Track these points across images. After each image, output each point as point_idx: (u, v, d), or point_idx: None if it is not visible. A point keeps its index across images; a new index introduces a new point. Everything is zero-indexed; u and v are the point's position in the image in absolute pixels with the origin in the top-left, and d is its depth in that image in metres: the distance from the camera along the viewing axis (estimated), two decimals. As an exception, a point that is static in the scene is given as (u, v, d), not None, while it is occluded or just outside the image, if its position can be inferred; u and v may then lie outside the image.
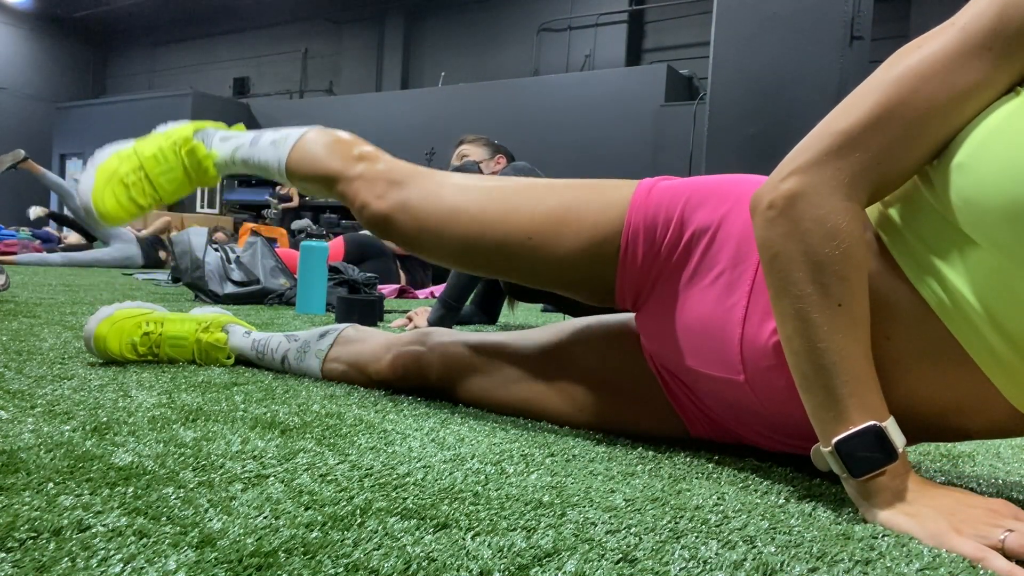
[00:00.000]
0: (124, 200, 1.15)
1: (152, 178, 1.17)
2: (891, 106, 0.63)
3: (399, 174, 1.02)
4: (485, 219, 0.93)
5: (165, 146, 1.19)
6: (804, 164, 0.66)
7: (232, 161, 1.20)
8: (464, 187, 0.98)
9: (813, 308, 0.64)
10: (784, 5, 3.40)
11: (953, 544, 0.58)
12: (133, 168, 1.16)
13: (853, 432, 0.63)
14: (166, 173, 1.18)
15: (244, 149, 1.18)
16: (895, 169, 0.65)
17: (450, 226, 0.95)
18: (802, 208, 0.65)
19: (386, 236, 1.02)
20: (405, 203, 0.99)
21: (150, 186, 1.17)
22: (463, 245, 0.95)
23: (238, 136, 1.21)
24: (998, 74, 0.61)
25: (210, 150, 1.21)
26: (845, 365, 0.64)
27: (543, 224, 0.91)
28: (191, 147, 1.19)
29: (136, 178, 1.16)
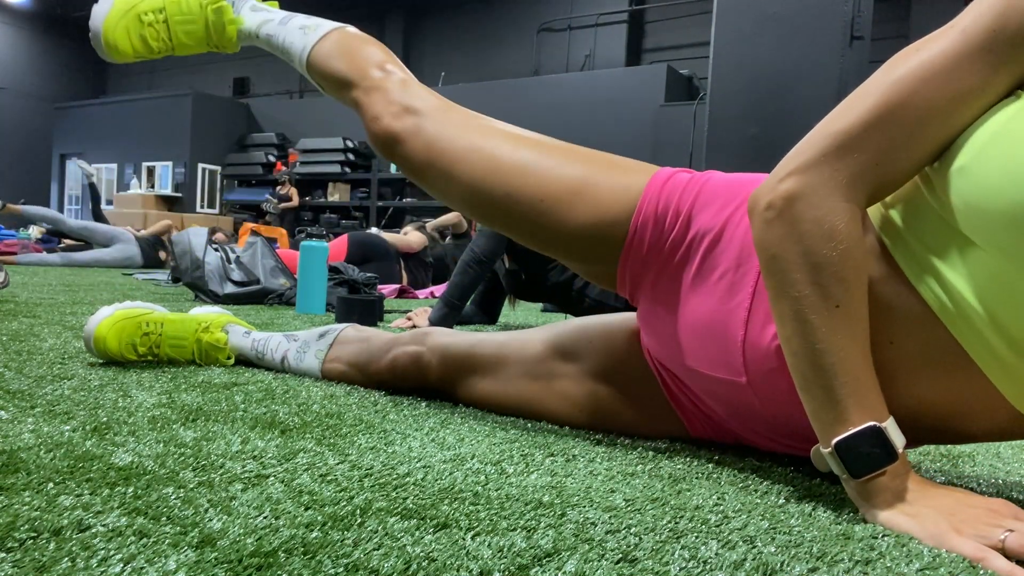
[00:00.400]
0: (135, 37, 1.11)
1: (171, 23, 1.13)
2: (890, 107, 0.63)
3: (420, 97, 0.98)
4: (499, 168, 0.90)
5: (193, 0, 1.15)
6: (802, 165, 0.65)
7: (256, 33, 1.15)
8: (485, 130, 0.95)
9: (811, 309, 0.64)
10: (784, 5, 3.40)
11: (953, 544, 0.58)
12: (155, 7, 1.13)
13: (853, 433, 0.63)
14: (186, 23, 1.14)
15: (272, 25, 1.13)
16: (894, 171, 0.64)
17: (460, 166, 0.92)
18: (800, 209, 0.65)
19: (391, 156, 0.98)
20: (419, 129, 0.95)
21: (166, 31, 1.13)
22: (470, 189, 0.92)
23: (269, 11, 1.17)
24: (998, 77, 0.61)
25: (237, 15, 1.16)
26: (844, 366, 0.64)
27: (557, 190, 0.88)
28: (219, 6, 1.15)
29: (155, 18, 1.12)
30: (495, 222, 0.94)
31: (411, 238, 4.29)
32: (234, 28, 1.15)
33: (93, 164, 11.42)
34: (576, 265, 0.94)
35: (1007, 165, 0.57)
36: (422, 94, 1.00)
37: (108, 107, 11.46)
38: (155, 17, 1.12)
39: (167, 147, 10.50)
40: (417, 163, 0.95)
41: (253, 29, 1.15)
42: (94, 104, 11.83)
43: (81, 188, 11.78)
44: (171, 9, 1.13)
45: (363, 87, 1.01)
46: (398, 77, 1.02)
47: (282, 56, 1.13)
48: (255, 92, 12.24)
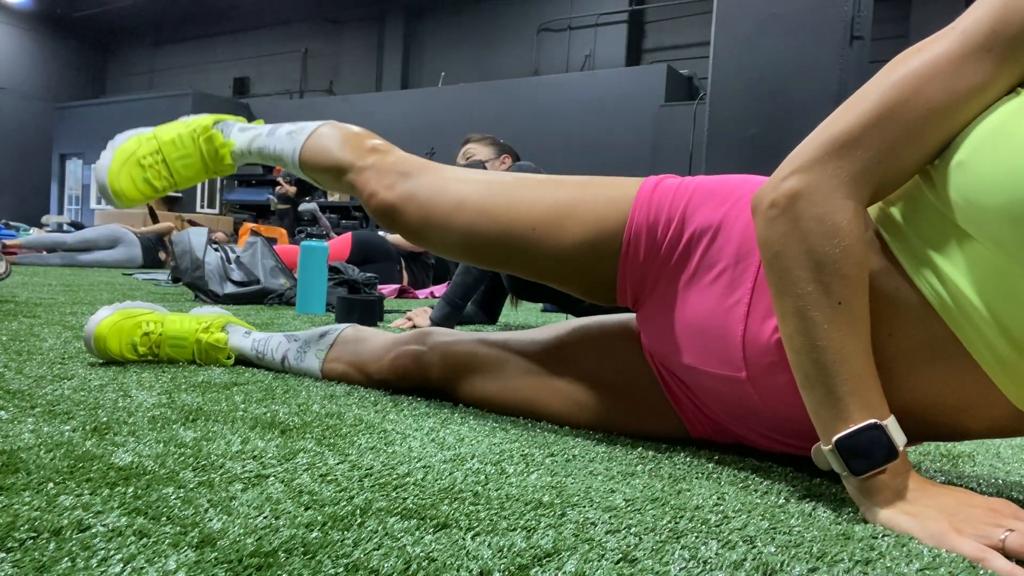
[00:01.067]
0: (139, 181, 1.18)
1: (169, 162, 1.20)
2: (892, 106, 0.63)
3: (408, 166, 1.04)
4: (489, 210, 0.94)
5: (184, 132, 1.22)
6: (805, 163, 0.66)
7: (248, 151, 1.21)
8: (470, 180, 0.99)
9: (814, 307, 0.64)
10: (784, 5, 3.40)
11: (953, 544, 0.58)
12: (151, 151, 1.19)
13: (854, 430, 0.63)
14: (183, 158, 1.21)
15: (261, 139, 1.20)
16: (895, 169, 0.65)
17: (454, 217, 0.96)
18: (803, 207, 0.65)
19: (392, 226, 1.03)
20: (412, 194, 1.00)
21: (166, 170, 1.20)
22: (466, 236, 0.95)
23: (256, 128, 1.24)
24: (999, 76, 0.62)
25: (228, 139, 1.23)
26: (846, 363, 0.64)
27: (547, 216, 0.91)
28: (210, 135, 1.21)
29: (153, 160, 1.19)
30: (496, 263, 0.98)
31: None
32: (227, 151, 1.23)
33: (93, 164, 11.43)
34: (577, 287, 0.95)
35: (1005, 161, 0.58)
36: (405, 159, 1.06)
37: (108, 107, 11.46)
38: (153, 159, 1.20)
39: (167, 147, 10.49)
40: (415, 226, 1.00)
41: (245, 147, 1.23)
42: (94, 104, 11.83)
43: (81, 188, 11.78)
44: (167, 149, 1.21)
45: (355, 169, 1.07)
46: (382, 150, 1.08)
47: (276, 163, 1.20)
48: (255, 92, 12.24)
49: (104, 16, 13.17)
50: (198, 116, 1.26)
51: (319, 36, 11.73)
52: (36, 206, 12.80)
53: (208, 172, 1.24)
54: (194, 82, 12.53)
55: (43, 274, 4.05)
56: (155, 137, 1.22)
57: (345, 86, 11.29)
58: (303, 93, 11.80)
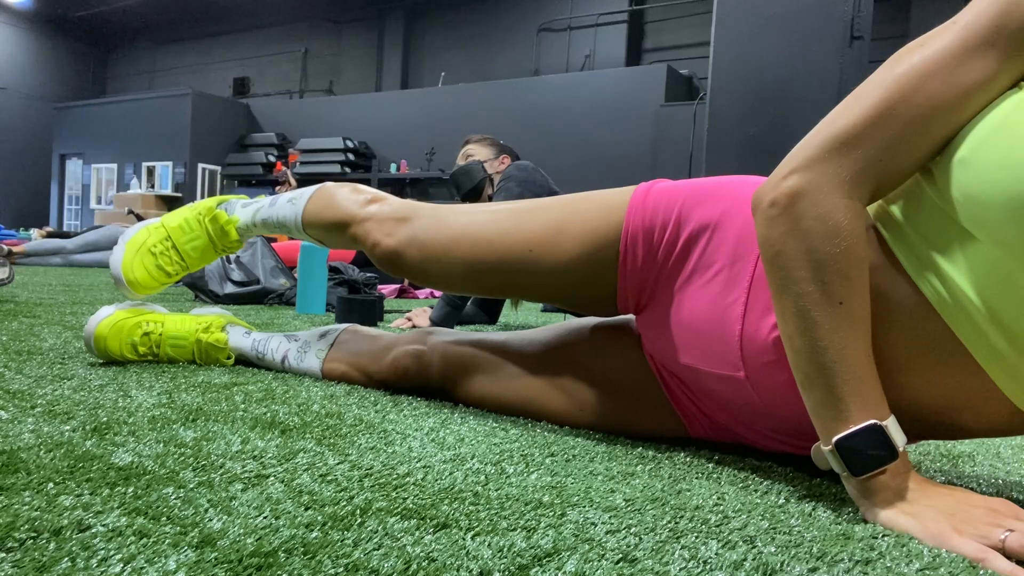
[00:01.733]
0: (152, 269, 1.23)
1: (179, 246, 1.26)
2: (893, 104, 0.63)
3: (404, 211, 1.07)
4: (486, 239, 0.96)
5: (190, 216, 1.28)
6: (805, 162, 0.66)
7: (253, 223, 1.27)
8: (465, 213, 1.02)
9: (814, 306, 0.64)
10: (784, 5, 3.40)
11: (954, 544, 0.58)
12: (160, 239, 1.25)
13: (854, 430, 0.63)
14: (191, 241, 1.26)
15: (264, 211, 1.25)
16: (896, 167, 0.65)
17: (453, 252, 0.98)
18: (803, 206, 0.65)
19: (398, 271, 1.06)
20: (412, 237, 1.03)
21: (177, 254, 1.26)
22: (467, 268, 0.98)
23: (258, 201, 1.29)
24: (1000, 71, 0.61)
25: (232, 215, 1.28)
26: (846, 363, 0.64)
27: (542, 235, 0.93)
28: (214, 215, 1.27)
29: (163, 247, 1.24)
30: (500, 290, 1.00)
31: None
32: (232, 227, 1.28)
33: (93, 164, 11.43)
34: (584, 304, 0.96)
35: (1007, 158, 0.57)
36: (401, 204, 1.09)
37: (108, 107, 11.45)
38: (163, 247, 1.25)
39: (167, 147, 10.49)
40: (419, 267, 1.03)
41: (249, 221, 1.27)
42: (94, 104, 11.82)
43: (81, 188, 11.78)
44: (175, 235, 1.26)
45: (355, 223, 1.10)
46: (377, 203, 1.11)
47: (281, 231, 1.25)
48: (255, 92, 12.24)
49: (104, 16, 13.17)
50: (202, 200, 1.31)
51: (319, 36, 11.73)
52: (36, 206, 12.80)
53: (217, 251, 1.30)
54: (194, 82, 12.53)
55: (43, 274, 4.05)
56: (163, 225, 1.27)
57: (345, 86, 11.29)
58: (303, 93, 11.79)
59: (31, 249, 5.19)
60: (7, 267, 2.32)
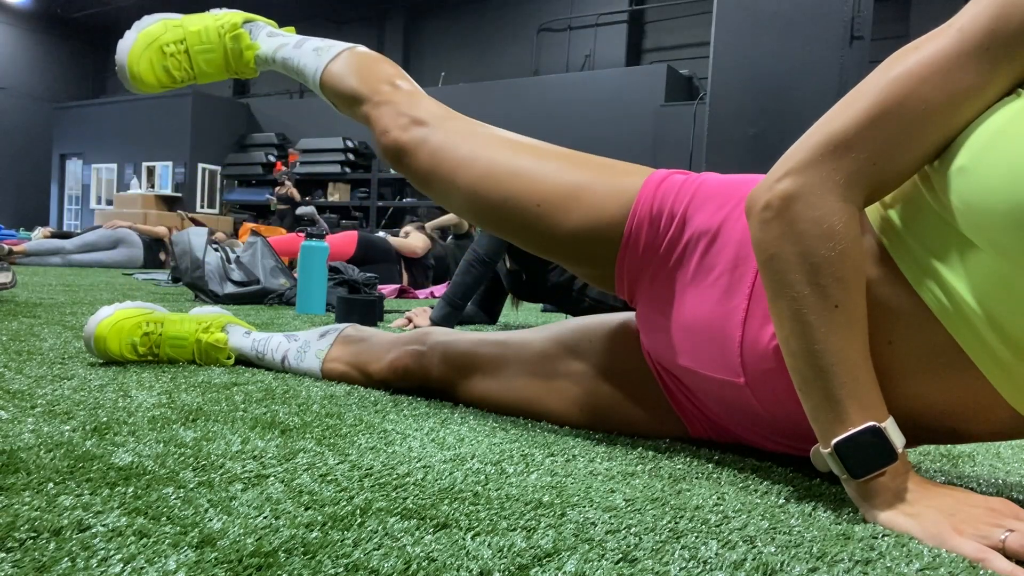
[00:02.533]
0: (158, 68, 1.16)
1: (192, 53, 1.19)
2: (888, 107, 0.62)
3: (427, 115, 1.02)
4: (496, 174, 0.93)
5: (212, 26, 1.20)
6: (799, 164, 0.65)
7: (272, 58, 1.20)
8: (485, 138, 0.97)
9: (810, 310, 0.64)
10: (784, 5, 3.40)
11: (954, 544, 0.57)
12: (176, 39, 1.18)
13: (852, 433, 0.63)
14: (206, 52, 1.20)
15: (287, 49, 1.18)
16: (892, 170, 0.64)
17: (461, 173, 0.95)
18: (798, 209, 0.64)
19: (399, 167, 1.02)
20: (425, 140, 0.99)
21: (187, 60, 1.19)
22: (470, 195, 0.94)
23: (285, 36, 1.22)
24: (997, 75, 0.61)
25: (254, 41, 1.21)
26: (843, 366, 0.63)
27: (553, 194, 0.90)
28: (237, 33, 1.20)
29: (176, 49, 1.18)
30: (494, 226, 0.96)
31: (414, 242, 4.29)
32: (251, 54, 1.21)
33: (93, 164, 11.43)
34: (574, 267, 0.95)
35: (1008, 165, 0.57)
36: (428, 106, 1.03)
37: (108, 107, 11.45)
38: (176, 48, 1.18)
39: (167, 147, 10.49)
40: (422, 173, 0.99)
41: (270, 54, 1.20)
42: (94, 104, 11.83)
43: (81, 188, 11.78)
44: (191, 40, 1.19)
45: (373, 102, 1.05)
46: (406, 91, 1.05)
47: (297, 77, 1.18)
48: (255, 92, 12.24)
49: (104, 16, 13.17)
50: (229, 10, 1.24)
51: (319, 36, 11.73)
52: (36, 206, 12.80)
53: (229, 71, 1.23)
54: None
55: (43, 274, 4.05)
56: (182, 25, 1.19)
57: (345, 86, 11.28)
58: (303, 93, 11.80)
59: (31, 249, 5.19)
60: (9, 271, 2.33)
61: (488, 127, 1.01)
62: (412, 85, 1.07)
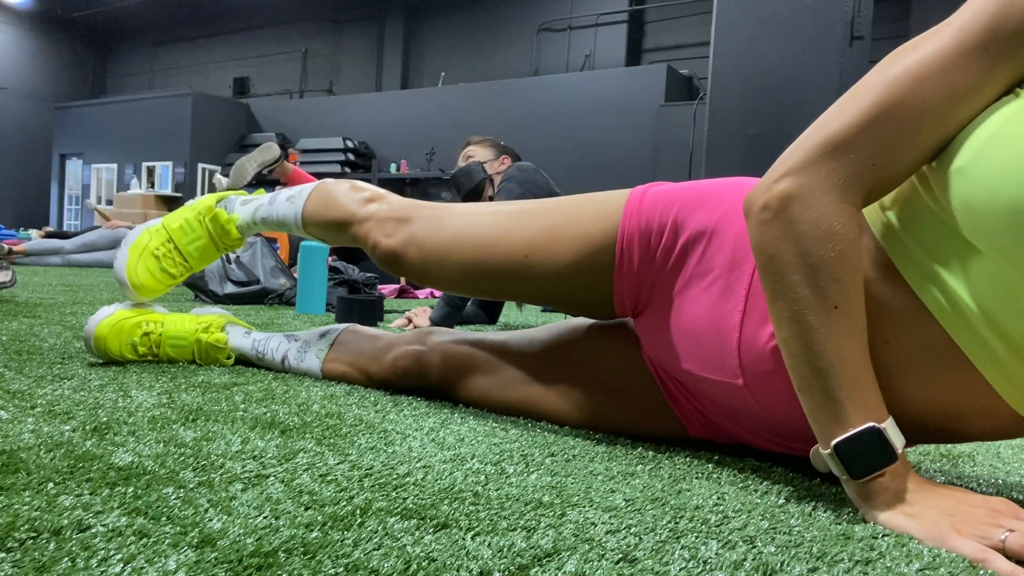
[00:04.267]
0: (156, 271, 1.23)
1: (180, 247, 1.26)
2: (886, 107, 0.62)
3: (405, 211, 1.07)
4: (484, 243, 0.96)
5: (190, 216, 1.28)
6: (798, 165, 0.65)
7: (253, 221, 1.27)
8: (464, 215, 1.02)
9: (809, 311, 0.64)
10: (784, 5, 3.40)
11: (954, 544, 0.57)
12: (162, 241, 1.25)
13: (852, 434, 0.63)
14: (193, 241, 1.27)
15: (263, 209, 1.25)
16: (890, 171, 0.64)
17: (451, 254, 0.99)
18: (796, 210, 0.64)
19: (397, 271, 1.06)
20: (412, 237, 1.03)
21: (179, 255, 1.26)
22: (465, 271, 0.98)
23: (257, 199, 1.29)
24: (995, 75, 0.60)
25: (232, 214, 1.29)
26: (842, 367, 0.63)
27: (538, 239, 0.93)
28: (214, 214, 1.27)
29: (166, 250, 1.25)
30: (496, 292, 1.00)
31: None
32: (232, 226, 1.28)
33: (93, 164, 11.43)
34: (582, 308, 0.97)
35: (1007, 166, 0.57)
36: (400, 204, 1.10)
37: (108, 107, 11.45)
38: (166, 249, 1.25)
39: (167, 147, 10.49)
40: (417, 268, 1.03)
41: (249, 219, 1.27)
42: (94, 104, 11.82)
43: (81, 188, 11.77)
44: (177, 236, 1.26)
45: (356, 222, 1.11)
46: (376, 202, 1.11)
47: (281, 229, 1.25)
48: (255, 92, 12.23)
49: (104, 16, 13.17)
50: (200, 198, 1.31)
51: (319, 36, 11.73)
52: (36, 206, 12.80)
53: (219, 249, 1.30)
54: (194, 82, 12.52)
55: (43, 274, 4.05)
56: (164, 227, 1.27)
57: (345, 86, 11.29)
58: (303, 93, 11.79)
59: (31, 249, 5.19)
60: (9, 270, 2.33)
61: (456, 206, 1.06)
62: (377, 192, 1.14)
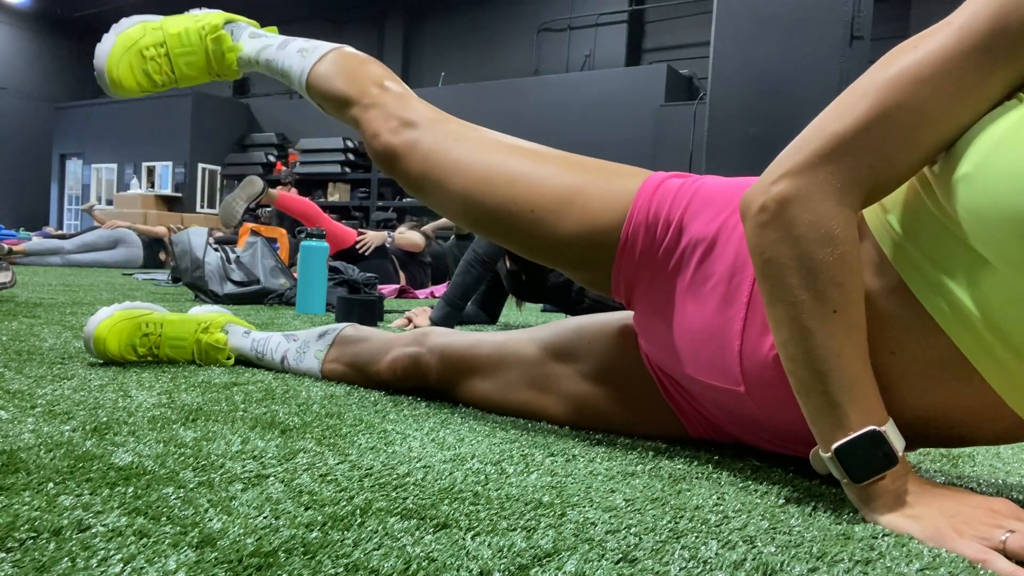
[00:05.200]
0: (138, 72, 1.13)
1: (172, 56, 1.16)
2: (885, 109, 0.61)
3: (417, 116, 0.99)
4: (491, 179, 0.91)
5: (192, 28, 1.17)
6: (795, 167, 0.64)
7: (256, 60, 1.17)
8: (478, 142, 0.95)
9: (808, 314, 0.63)
10: (784, 5, 3.40)
11: (954, 545, 0.57)
12: (156, 42, 1.15)
13: (852, 438, 0.63)
14: (187, 55, 1.17)
15: (271, 51, 1.15)
16: (889, 173, 0.63)
17: (454, 178, 0.93)
18: (794, 213, 0.63)
19: (391, 171, 0.99)
20: (416, 143, 0.97)
21: (168, 64, 1.16)
22: (464, 201, 0.93)
23: (267, 37, 1.19)
24: (995, 77, 0.59)
25: (236, 42, 1.18)
26: (842, 371, 0.63)
27: (548, 200, 0.88)
28: (218, 35, 1.16)
29: (156, 52, 1.15)
30: (488, 232, 0.94)
31: (413, 236, 4.30)
32: (233, 55, 1.17)
33: (93, 164, 11.42)
34: (570, 272, 0.94)
35: (1013, 173, 0.55)
36: (419, 108, 1.01)
37: (108, 107, 11.44)
38: (156, 51, 1.15)
39: (167, 147, 10.49)
40: (414, 177, 0.97)
41: (253, 55, 1.17)
42: (94, 104, 11.82)
43: (81, 188, 11.77)
44: (171, 43, 1.15)
45: (362, 104, 1.02)
46: (395, 92, 1.03)
47: (282, 79, 1.15)
48: (255, 92, 12.23)
49: (104, 16, 13.16)
50: (209, 11, 1.21)
51: (319, 36, 11.65)
52: (36, 206, 12.80)
53: (211, 74, 1.20)
54: (194, 82, 12.50)
55: (43, 274, 4.05)
56: (161, 28, 1.16)
57: (345, 86, 11.27)
58: (303, 93, 11.78)
59: (31, 249, 5.19)
60: (9, 271, 2.33)
61: (481, 130, 0.99)
62: (402, 87, 1.05)
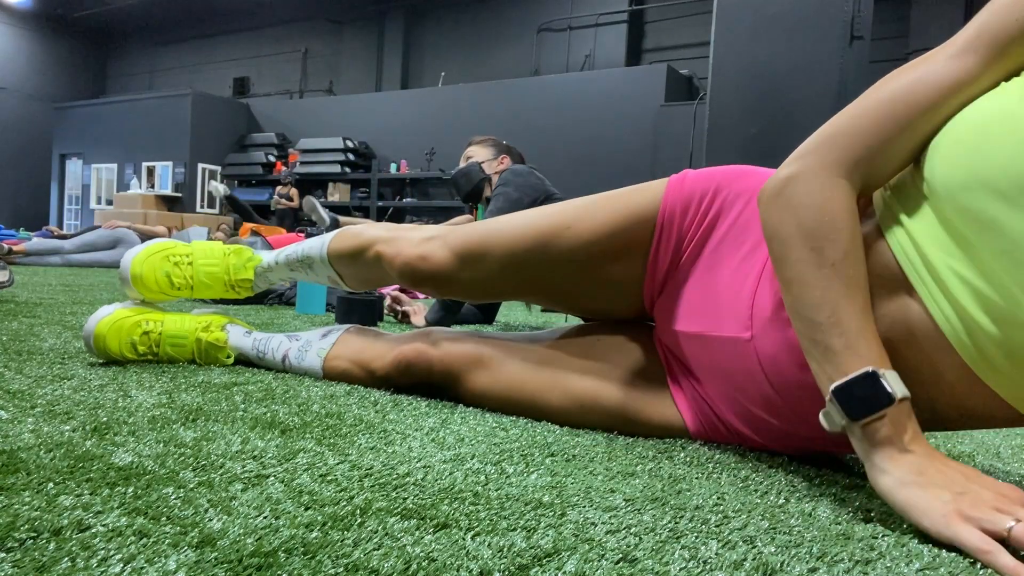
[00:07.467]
0: (159, 272, 1.24)
1: (195, 264, 1.28)
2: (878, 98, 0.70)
3: (434, 231, 1.10)
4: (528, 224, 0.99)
5: (218, 248, 1.31)
6: (799, 153, 0.73)
7: (276, 262, 1.30)
8: (496, 220, 1.04)
9: (808, 269, 0.69)
10: (784, 5, 3.40)
11: (957, 531, 0.57)
12: (183, 252, 1.28)
13: (850, 378, 0.65)
14: (208, 265, 1.29)
15: (288, 249, 1.28)
16: (885, 158, 0.70)
17: (490, 243, 1.01)
18: (793, 187, 0.72)
19: (421, 276, 1.06)
20: (442, 243, 1.05)
21: (190, 270, 1.27)
22: (506, 255, 0.99)
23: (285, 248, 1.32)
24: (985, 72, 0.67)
25: (256, 255, 1.32)
26: (840, 319, 0.67)
27: (582, 209, 0.97)
28: (239, 249, 1.32)
29: (181, 259, 1.27)
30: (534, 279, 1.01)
31: None
32: (252, 265, 1.31)
33: (93, 164, 11.43)
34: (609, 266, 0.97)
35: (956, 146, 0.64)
36: (433, 228, 1.12)
37: (108, 107, 11.45)
38: (182, 259, 1.28)
39: (167, 147, 10.49)
40: (447, 266, 1.04)
41: (272, 260, 1.30)
42: (94, 104, 11.82)
43: (81, 188, 11.77)
44: (197, 254, 1.29)
45: (383, 240, 1.13)
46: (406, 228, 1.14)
47: (302, 266, 1.25)
48: (255, 92, 12.24)
49: (104, 16, 13.17)
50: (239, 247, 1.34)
51: (319, 36, 11.73)
52: (36, 206, 12.80)
53: (226, 285, 1.30)
54: (194, 82, 12.53)
55: (43, 274, 4.05)
56: (191, 244, 1.31)
57: (345, 86, 11.28)
58: (303, 93, 11.80)
59: (31, 249, 5.19)
60: (7, 270, 2.33)
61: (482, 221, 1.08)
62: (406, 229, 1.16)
